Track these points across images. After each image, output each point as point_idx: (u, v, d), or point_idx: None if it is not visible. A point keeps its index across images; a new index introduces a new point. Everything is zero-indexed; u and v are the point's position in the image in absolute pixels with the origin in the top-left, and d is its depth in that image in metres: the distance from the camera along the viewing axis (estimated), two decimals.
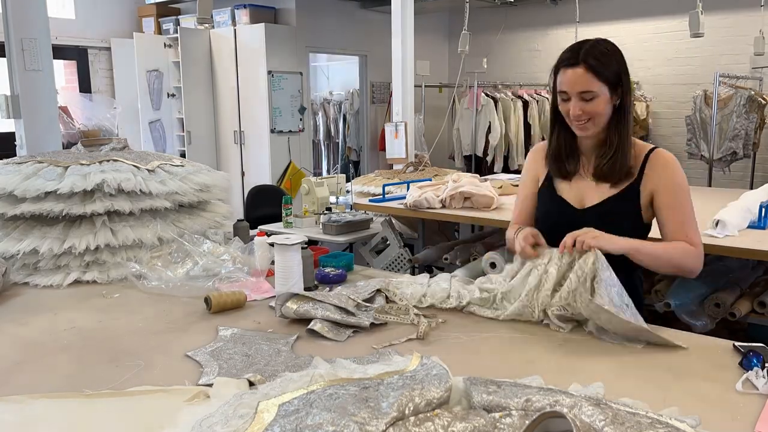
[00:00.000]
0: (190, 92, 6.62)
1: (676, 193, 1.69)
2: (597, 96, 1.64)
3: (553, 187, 1.83)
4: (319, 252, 2.29)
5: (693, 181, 6.67)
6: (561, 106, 1.71)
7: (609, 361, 1.43)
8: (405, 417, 0.97)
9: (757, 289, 2.81)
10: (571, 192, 1.79)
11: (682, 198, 1.69)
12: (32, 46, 3.84)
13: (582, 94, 1.64)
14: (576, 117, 1.66)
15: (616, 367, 1.40)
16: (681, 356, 1.44)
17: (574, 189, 1.79)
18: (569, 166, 1.79)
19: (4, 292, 2.03)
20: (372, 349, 1.50)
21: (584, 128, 1.69)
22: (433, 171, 4.93)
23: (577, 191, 1.79)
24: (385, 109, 7.61)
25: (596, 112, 1.66)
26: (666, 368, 1.37)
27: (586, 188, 1.77)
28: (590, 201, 1.76)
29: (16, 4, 3.79)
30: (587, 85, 1.63)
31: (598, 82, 1.63)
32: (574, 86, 1.64)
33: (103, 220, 2.18)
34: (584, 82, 1.63)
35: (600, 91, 1.64)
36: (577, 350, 1.49)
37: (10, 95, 3.87)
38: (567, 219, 1.76)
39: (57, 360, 1.49)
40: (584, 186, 1.78)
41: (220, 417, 1.02)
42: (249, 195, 5.05)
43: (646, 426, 0.93)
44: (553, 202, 1.82)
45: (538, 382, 1.15)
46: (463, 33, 5.49)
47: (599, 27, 7.12)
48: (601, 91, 1.64)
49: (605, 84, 1.64)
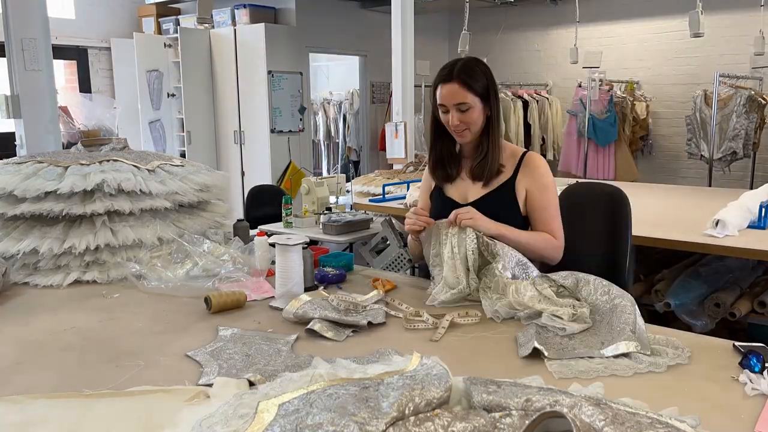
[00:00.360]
0: (190, 92, 6.62)
1: (543, 193, 1.97)
2: (471, 107, 1.90)
3: (441, 190, 2.10)
4: (319, 252, 2.30)
5: (693, 181, 6.69)
6: (442, 118, 1.96)
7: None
8: (405, 417, 0.97)
9: (757, 289, 2.81)
10: (456, 191, 2.06)
11: (549, 197, 1.98)
12: (32, 46, 3.84)
13: (458, 105, 1.90)
14: (455, 126, 1.92)
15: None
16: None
17: (458, 189, 2.06)
18: (451, 170, 2.06)
19: (4, 292, 2.03)
20: (372, 349, 1.50)
21: (462, 135, 1.96)
22: None
23: (461, 190, 2.05)
24: (385, 109, 7.61)
25: (471, 121, 1.91)
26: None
27: (468, 187, 2.04)
28: (472, 197, 2.01)
29: (16, 4, 3.79)
30: (461, 98, 1.89)
31: (470, 95, 1.89)
32: (450, 99, 1.90)
33: (103, 220, 2.18)
34: (459, 94, 1.89)
35: (473, 102, 1.90)
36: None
37: (10, 95, 3.87)
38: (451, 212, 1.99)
39: (57, 360, 1.49)
40: (466, 186, 2.05)
41: (220, 417, 1.02)
42: (249, 195, 5.03)
43: (646, 426, 0.93)
44: (441, 201, 2.08)
45: (538, 382, 1.15)
46: (463, 33, 5.49)
47: (599, 27, 7.12)
48: (473, 102, 1.90)
49: (476, 96, 1.90)
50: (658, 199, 3.96)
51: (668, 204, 3.75)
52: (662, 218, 3.15)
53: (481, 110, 1.92)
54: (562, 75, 7.52)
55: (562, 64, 7.35)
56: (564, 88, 7.46)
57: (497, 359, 1.45)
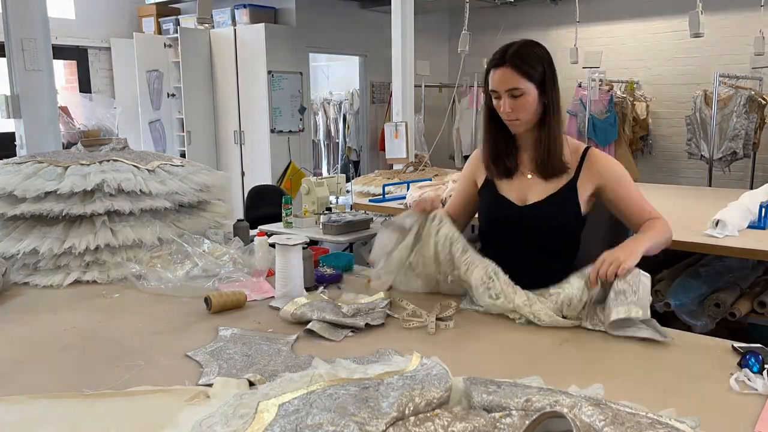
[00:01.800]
0: (190, 92, 6.62)
1: (624, 184, 1.80)
2: (524, 93, 1.74)
3: (494, 185, 1.91)
4: (319, 252, 2.29)
5: (693, 181, 6.68)
6: (495, 106, 1.80)
7: (609, 361, 1.43)
8: (405, 417, 0.97)
9: (757, 289, 2.81)
10: (512, 190, 1.87)
11: (631, 188, 1.81)
12: (32, 46, 3.84)
13: (510, 91, 1.74)
14: (506, 114, 1.77)
15: (616, 367, 1.40)
16: (681, 356, 1.44)
17: (514, 187, 1.87)
18: (509, 163, 1.87)
19: (4, 292, 2.03)
20: (372, 349, 1.50)
21: (515, 125, 1.79)
22: (433, 171, 4.93)
23: (518, 189, 1.86)
24: (385, 109, 7.60)
25: (524, 108, 1.75)
26: (666, 368, 1.37)
27: (527, 185, 1.85)
28: (531, 198, 1.84)
29: (16, 4, 3.79)
30: (514, 83, 1.73)
31: (523, 80, 1.73)
32: (501, 84, 1.75)
33: (103, 220, 2.18)
34: (511, 79, 1.73)
35: (527, 89, 1.74)
36: (577, 351, 1.50)
37: (10, 95, 3.87)
38: (508, 216, 1.86)
39: (57, 360, 1.49)
40: (525, 183, 1.86)
41: (220, 417, 1.02)
42: (249, 195, 5.04)
43: (646, 426, 0.93)
44: (494, 200, 1.89)
45: (538, 382, 1.16)
46: (463, 33, 5.48)
47: (599, 27, 7.12)
48: (527, 89, 1.74)
49: (531, 82, 1.74)
50: (658, 199, 3.94)
51: (668, 204, 3.75)
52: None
53: (536, 98, 1.75)
54: (562, 75, 7.41)
55: (562, 64, 7.29)
56: (564, 88, 7.38)
57: (497, 359, 1.45)
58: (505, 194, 1.88)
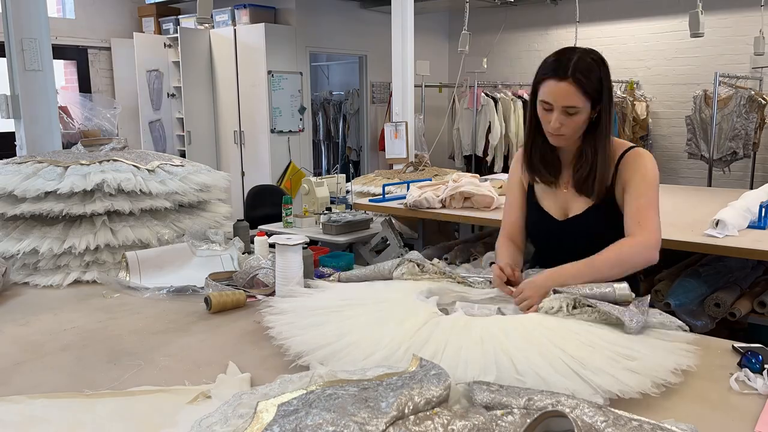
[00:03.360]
0: (190, 92, 6.61)
1: (639, 184, 1.66)
2: (579, 111, 1.62)
3: (535, 197, 1.84)
4: (319, 252, 2.29)
5: (693, 181, 6.68)
6: (542, 115, 1.68)
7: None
8: (405, 416, 0.97)
9: (757, 289, 2.81)
10: (553, 203, 1.79)
11: (644, 187, 1.66)
12: (32, 46, 3.84)
13: (566, 108, 1.61)
14: (554, 129, 1.65)
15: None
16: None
17: (556, 200, 1.79)
18: (550, 176, 1.77)
19: (4, 292, 2.03)
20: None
21: (558, 140, 1.68)
22: (433, 171, 4.93)
23: (559, 202, 1.78)
24: (385, 109, 7.60)
25: (574, 125, 1.64)
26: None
27: (568, 199, 1.76)
28: (572, 212, 1.75)
29: (16, 4, 3.79)
30: (573, 101, 1.60)
31: (583, 98, 1.60)
32: (559, 100, 1.61)
33: (103, 220, 2.18)
34: (571, 97, 1.60)
35: (584, 106, 1.62)
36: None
37: (10, 95, 3.87)
38: (549, 230, 1.80)
39: (57, 360, 1.49)
40: (566, 196, 1.77)
41: (219, 417, 1.02)
42: (249, 195, 5.05)
43: (647, 431, 0.93)
44: (536, 213, 1.83)
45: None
46: (463, 33, 5.49)
47: (599, 27, 7.12)
48: (584, 106, 1.62)
49: (588, 99, 1.61)
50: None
51: (668, 204, 3.75)
52: (662, 218, 3.13)
53: (588, 115, 1.64)
54: None
55: None
56: None
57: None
58: (545, 208, 1.81)
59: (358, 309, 1.58)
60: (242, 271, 2.04)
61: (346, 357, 1.32)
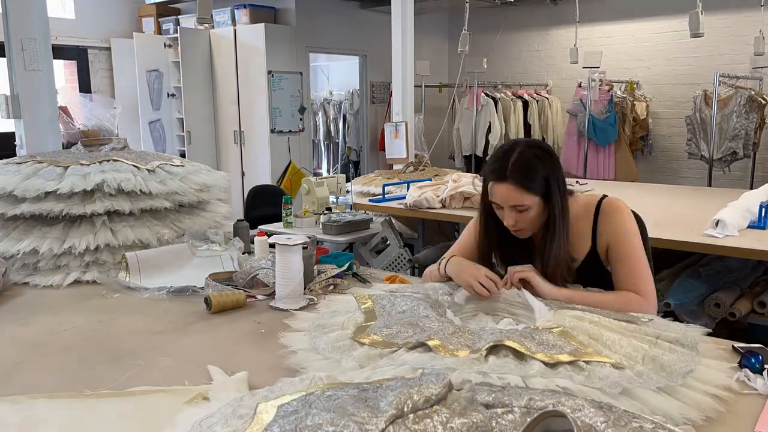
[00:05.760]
0: (190, 92, 6.61)
1: (623, 243, 1.66)
2: (529, 208, 1.63)
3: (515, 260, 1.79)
4: (319, 252, 2.29)
5: (693, 181, 6.69)
6: (496, 210, 1.70)
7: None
8: (404, 415, 0.97)
9: (757, 289, 2.81)
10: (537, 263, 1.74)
11: (628, 247, 1.66)
12: (32, 46, 3.84)
13: (514, 206, 1.63)
14: (511, 226, 1.67)
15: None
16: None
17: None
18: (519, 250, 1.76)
19: (4, 292, 2.03)
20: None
21: (520, 233, 1.70)
22: (433, 171, 4.94)
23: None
24: (385, 109, 7.60)
25: (529, 220, 1.65)
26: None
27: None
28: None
29: (16, 4, 3.79)
30: (518, 200, 1.62)
31: (528, 195, 1.61)
32: (505, 201, 1.64)
33: (103, 220, 2.18)
34: (514, 197, 1.62)
35: (531, 203, 1.62)
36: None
37: (10, 95, 3.87)
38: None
39: (57, 360, 1.49)
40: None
41: (219, 417, 1.02)
42: (249, 195, 5.05)
43: (648, 431, 0.93)
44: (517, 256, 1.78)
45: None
46: (463, 33, 5.49)
47: (599, 27, 7.12)
48: (532, 203, 1.62)
49: (535, 195, 1.62)
50: (658, 199, 3.96)
51: (668, 204, 3.75)
52: (662, 218, 3.14)
53: (542, 208, 1.65)
54: (562, 75, 7.52)
55: (562, 64, 7.34)
56: (564, 88, 7.46)
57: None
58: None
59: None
60: (242, 271, 2.04)
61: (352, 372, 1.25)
